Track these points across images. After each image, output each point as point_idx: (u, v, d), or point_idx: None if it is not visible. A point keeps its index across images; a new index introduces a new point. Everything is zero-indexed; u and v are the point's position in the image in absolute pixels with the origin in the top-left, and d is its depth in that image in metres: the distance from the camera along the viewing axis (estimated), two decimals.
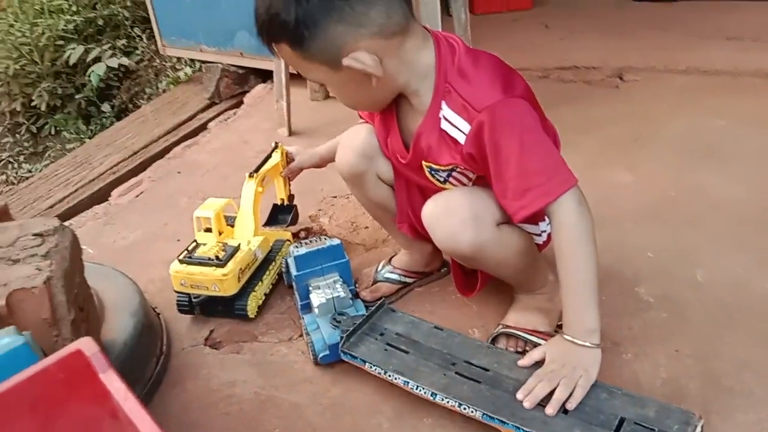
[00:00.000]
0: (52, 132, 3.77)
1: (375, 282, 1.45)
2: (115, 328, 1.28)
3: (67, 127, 3.69)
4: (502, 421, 1.00)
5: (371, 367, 1.15)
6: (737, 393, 1.11)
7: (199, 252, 1.39)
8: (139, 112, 2.95)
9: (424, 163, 1.18)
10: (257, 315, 1.43)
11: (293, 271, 1.33)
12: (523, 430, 0.98)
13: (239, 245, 1.41)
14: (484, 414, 1.02)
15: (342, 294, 1.28)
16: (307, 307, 1.32)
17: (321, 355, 1.23)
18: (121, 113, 3.59)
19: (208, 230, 1.44)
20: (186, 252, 1.40)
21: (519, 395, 1.03)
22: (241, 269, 1.38)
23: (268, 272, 1.47)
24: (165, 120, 2.77)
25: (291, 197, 1.66)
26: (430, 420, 1.13)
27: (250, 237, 1.45)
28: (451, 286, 1.46)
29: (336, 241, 1.34)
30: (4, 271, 1.03)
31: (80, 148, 2.77)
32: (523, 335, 1.22)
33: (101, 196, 2.20)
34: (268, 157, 1.56)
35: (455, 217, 1.11)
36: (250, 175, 1.49)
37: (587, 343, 1.05)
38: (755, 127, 1.89)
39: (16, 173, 3.69)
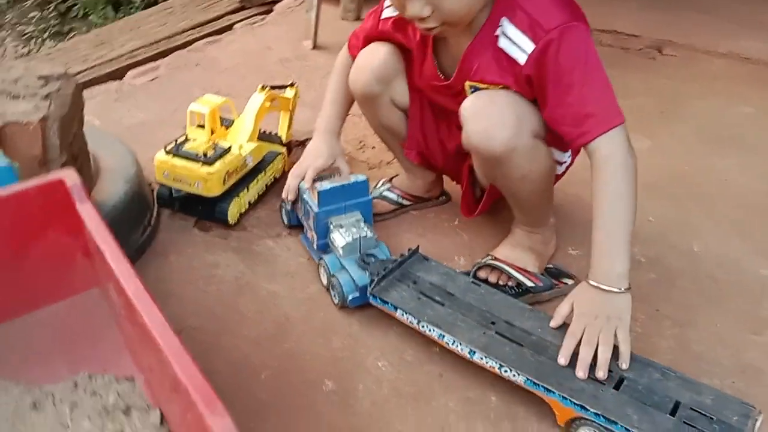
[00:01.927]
0: (80, 14, 3.72)
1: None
2: (106, 191, 1.28)
3: (95, 11, 3.64)
4: (547, 389, 0.94)
5: (403, 315, 1.08)
6: (705, 360, 1.11)
7: (188, 146, 1.34)
8: (167, 3, 2.89)
9: (468, 83, 1.13)
10: (237, 223, 1.40)
11: (314, 207, 1.24)
12: (570, 401, 0.92)
13: (230, 147, 1.36)
14: (527, 379, 0.95)
15: (369, 234, 1.21)
16: (325, 247, 1.25)
17: (351, 297, 1.15)
18: (149, 5, 3.53)
19: (201, 127, 1.37)
20: (174, 143, 1.35)
21: (560, 360, 0.97)
22: (228, 172, 1.34)
23: (255, 181, 1.43)
24: (192, 15, 2.71)
25: (289, 143, 1.61)
26: (399, 329, 1.14)
27: (243, 142, 1.41)
28: (445, 214, 1.46)
29: (362, 177, 1.27)
30: (3, 104, 1.02)
31: (104, 28, 2.73)
32: (508, 269, 1.21)
33: (117, 77, 2.17)
34: (283, 88, 1.53)
35: (498, 112, 1.06)
36: (262, 88, 1.47)
37: (616, 289, 0.99)
38: None
39: (38, 49, 3.66)
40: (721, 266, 1.32)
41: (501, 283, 1.21)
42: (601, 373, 0.95)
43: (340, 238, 1.20)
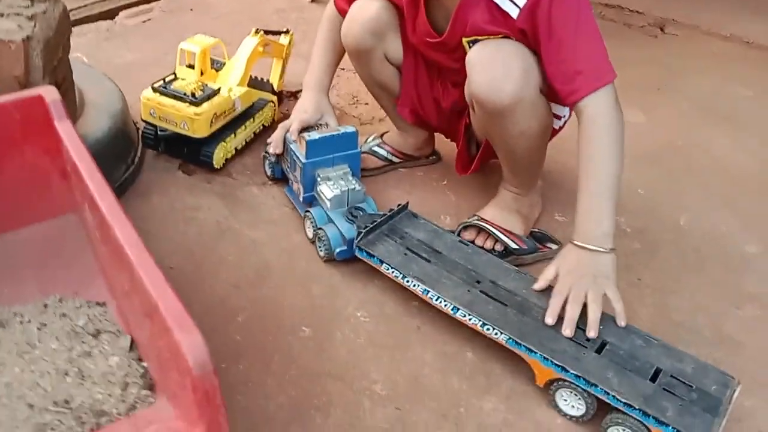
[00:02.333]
0: None
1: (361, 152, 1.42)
2: (90, 124, 1.25)
3: None
4: (529, 349, 0.93)
5: (389, 269, 1.07)
6: (686, 329, 1.11)
7: (176, 85, 1.31)
8: None
9: (465, 39, 1.10)
10: (222, 168, 1.37)
11: (301, 158, 1.20)
12: (551, 362, 0.92)
13: (219, 89, 1.33)
14: (510, 338, 0.95)
15: (357, 187, 1.19)
16: (311, 200, 1.23)
17: (338, 250, 1.13)
18: None
19: (191, 67, 1.34)
20: (162, 81, 1.32)
21: (548, 320, 0.96)
22: (215, 114, 1.31)
23: (243, 127, 1.41)
24: None
25: (280, 92, 1.56)
26: (380, 282, 1.13)
27: (233, 85, 1.37)
28: (435, 173, 1.45)
29: (351, 129, 1.23)
30: None
31: None
32: (494, 231, 1.20)
33: (109, 17, 2.12)
34: (277, 34, 1.49)
35: (505, 63, 1.03)
36: (256, 31, 1.43)
37: (602, 248, 0.98)
38: None
39: None
40: (706, 240, 1.31)
41: (487, 247, 1.20)
42: (592, 332, 0.95)
43: (328, 191, 1.18)
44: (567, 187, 1.38)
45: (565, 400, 0.93)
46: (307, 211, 1.20)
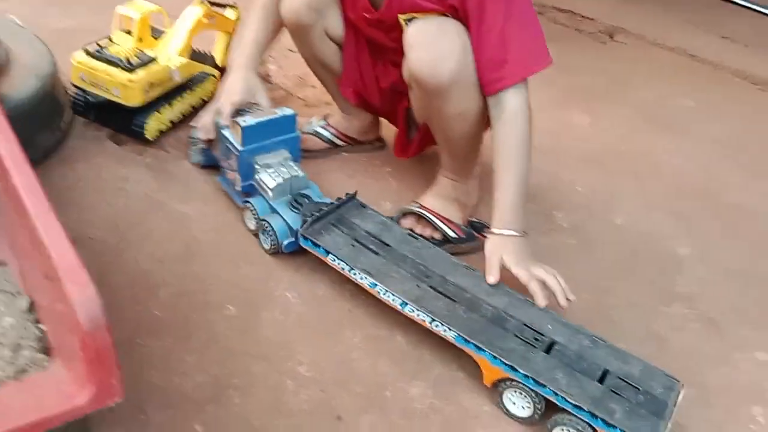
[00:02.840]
0: None
1: (303, 133, 1.38)
2: (15, 84, 1.18)
3: None
4: (477, 347, 0.91)
5: (335, 261, 1.03)
6: (617, 325, 1.11)
7: (111, 50, 1.24)
8: None
9: (401, 17, 1.07)
10: (156, 141, 1.31)
11: (237, 146, 1.12)
12: (500, 360, 0.90)
13: (156, 57, 1.27)
14: (458, 336, 0.93)
15: (300, 173, 1.13)
16: (250, 190, 1.15)
17: (286, 242, 1.08)
18: None
19: (128, 33, 1.28)
20: (96, 45, 1.25)
21: (539, 302, 0.99)
22: (150, 82, 1.25)
23: (180, 98, 1.35)
24: None
25: (224, 68, 1.48)
26: (313, 263, 1.09)
27: (172, 55, 1.31)
28: (378, 159, 1.42)
29: (289, 111, 1.17)
30: None
31: None
32: (434, 219, 1.18)
33: None
34: (223, 6, 1.44)
35: (446, 41, 1.01)
36: (201, 1, 1.38)
37: (525, 234, 1.04)
38: (721, 117, 1.88)
39: None
40: (640, 240, 1.33)
41: (426, 235, 1.18)
42: (571, 296, 1.00)
43: (269, 179, 1.11)
44: None
45: (513, 402, 0.91)
46: (247, 201, 1.13)
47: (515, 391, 0.91)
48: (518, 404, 0.91)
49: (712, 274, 1.27)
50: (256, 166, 1.13)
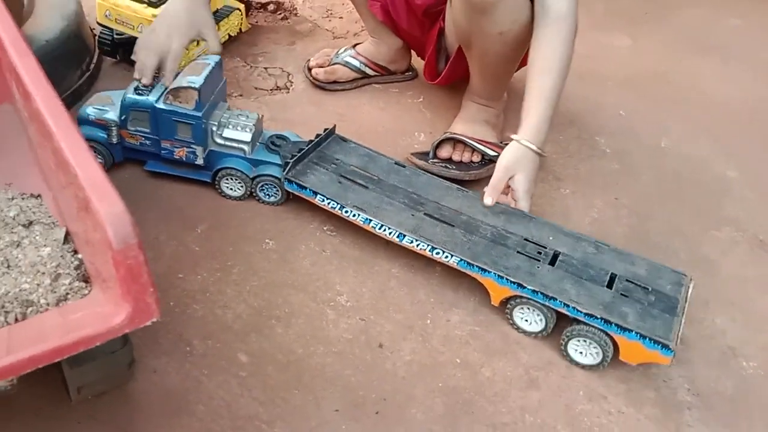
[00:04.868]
0: None
1: (332, 64, 1.35)
2: (39, 25, 1.15)
3: None
4: (482, 269, 0.90)
5: (324, 201, 0.99)
6: (661, 249, 1.08)
7: None
8: None
9: None
10: None
11: (190, 113, 0.99)
12: (507, 279, 0.88)
13: None
14: (461, 260, 0.91)
15: (255, 115, 1.04)
16: (216, 157, 1.04)
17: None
18: None
19: None
20: None
21: (486, 200, 0.98)
22: None
23: None
24: None
25: (249, 1, 1.40)
26: None
27: None
28: (410, 90, 1.38)
29: (214, 57, 1.05)
30: None
31: None
32: (470, 142, 1.15)
33: None
34: None
35: None
36: None
37: (541, 152, 0.98)
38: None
39: None
40: (686, 163, 1.28)
41: (465, 159, 1.15)
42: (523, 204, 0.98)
43: (240, 134, 1.02)
44: None
45: (524, 318, 0.91)
46: (223, 169, 1.04)
47: (525, 308, 0.90)
48: (530, 320, 0.90)
49: (760, 196, 1.21)
50: (214, 128, 1.03)
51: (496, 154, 1.13)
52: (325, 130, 1.10)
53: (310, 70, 1.35)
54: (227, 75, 1.33)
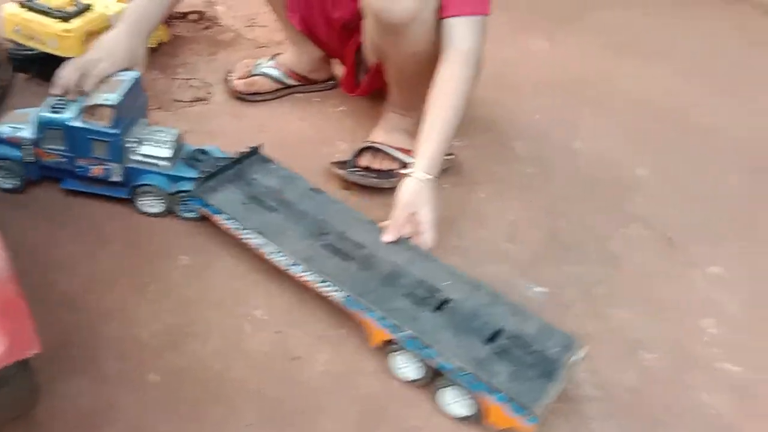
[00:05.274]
0: None
1: (252, 75, 1.35)
2: None
3: None
4: (366, 308, 0.87)
5: (226, 220, 0.97)
6: (571, 248, 1.12)
7: (44, 0, 1.20)
8: None
9: None
10: None
11: (106, 130, 0.98)
12: (388, 322, 0.84)
13: (90, 5, 1.23)
14: (347, 297, 0.88)
15: (175, 131, 1.05)
16: (134, 174, 1.03)
17: None
18: None
19: None
20: None
21: (386, 238, 0.96)
22: (88, 32, 1.20)
23: None
24: None
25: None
26: None
27: (110, 2, 1.26)
28: (332, 99, 1.40)
29: (133, 73, 1.04)
30: None
31: None
32: (389, 150, 1.17)
33: None
34: None
35: None
36: None
37: (435, 176, 0.98)
38: (685, 37, 1.85)
39: None
40: (598, 164, 1.33)
41: (384, 167, 1.17)
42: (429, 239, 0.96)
43: (159, 151, 1.02)
44: None
45: (403, 364, 0.86)
46: (140, 186, 1.03)
47: (402, 353, 0.86)
48: (410, 367, 0.85)
49: (670, 194, 1.28)
50: (133, 145, 1.02)
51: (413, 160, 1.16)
52: (250, 148, 1.08)
53: (229, 82, 1.35)
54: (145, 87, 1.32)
